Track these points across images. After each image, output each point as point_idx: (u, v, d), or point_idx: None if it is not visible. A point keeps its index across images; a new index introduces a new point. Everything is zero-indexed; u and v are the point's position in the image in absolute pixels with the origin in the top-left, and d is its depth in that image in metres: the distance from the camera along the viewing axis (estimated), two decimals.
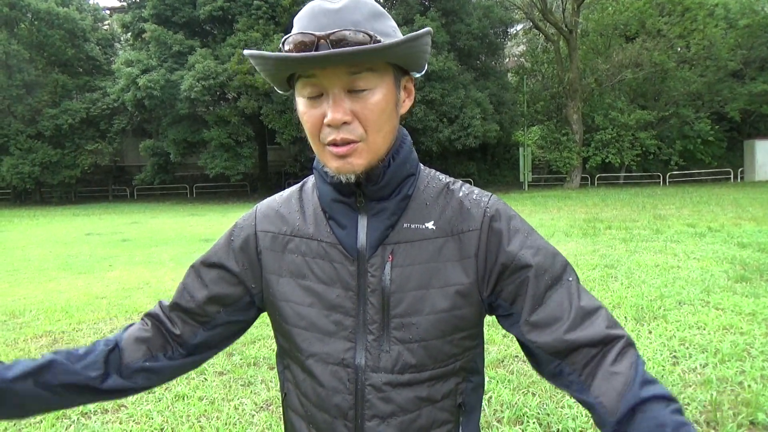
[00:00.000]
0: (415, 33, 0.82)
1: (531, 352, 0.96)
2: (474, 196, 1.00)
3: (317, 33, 0.82)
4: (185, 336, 1.06)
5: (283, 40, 0.86)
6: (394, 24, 0.91)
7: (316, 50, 0.81)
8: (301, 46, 0.83)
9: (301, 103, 0.90)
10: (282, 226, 1.03)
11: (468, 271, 0.95)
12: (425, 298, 0.94)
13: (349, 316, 0.96)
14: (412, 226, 0.96)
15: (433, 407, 0.97)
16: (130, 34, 30.56)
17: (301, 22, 0.86)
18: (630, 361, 0.86)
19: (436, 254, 0.95)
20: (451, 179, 1.05)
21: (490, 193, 1.02)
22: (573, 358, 0.90)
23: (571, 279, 0.94)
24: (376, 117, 0.88)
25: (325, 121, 0.86)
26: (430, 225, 0.96)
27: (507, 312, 0.96)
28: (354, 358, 0.96)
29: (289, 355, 1.05)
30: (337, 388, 0.96)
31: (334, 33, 0.82)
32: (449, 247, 0.95)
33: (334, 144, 0.87)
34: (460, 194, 1.00)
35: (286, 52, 0.85)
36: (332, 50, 0.79)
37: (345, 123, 0.86)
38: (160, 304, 1.10)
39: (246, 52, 0.86)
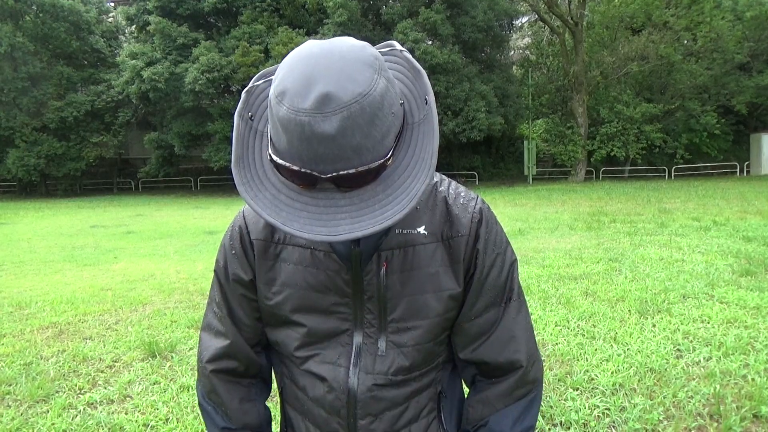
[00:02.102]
0: (434, 158, 0.76)
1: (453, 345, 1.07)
2: (461, 201, 1.00)
3: (317, 173, 0.74)
4: (262, 341, 1.11)
5: (277, 161, 0.77)
6: (392, 92, 0.78)
7: (314, 184, 0.76)
8: (299, 179, 0.77)
9: None
10: (273, 234, 1.01)
11: (458, 276, 0.98)
12: (421, 303, 0.96)
13: (347, 321, 0.98)
14: (404, 231, 0.96)
15: (419, 398, 1.02)
16: (134, 26, 30.59)
17: (290, 138, 0.74)
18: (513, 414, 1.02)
19: (429, 260, 0.96)
20: (438, 178, 1.04)
21: (475, 196, 1.02)
22: (480, 368, 1.04)
23: (512, 302, 1.01)
24: None
25: None
26: (421, 230, 0.96)
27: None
28: (350, 361, 0.98)
29: (285, 355, 1.06)
30: (332, 388, 0.98)
31: (337, 175, 0.74)
32: (440, 252, 0.97)
33: None
34: (448, 198, 1.00)
35: (279, 170, 0.79)
36: (354, 234, 0.73)
37: None
38: (233, 347, 1.07)
39: (249, 203, 0.79)
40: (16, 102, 29.84)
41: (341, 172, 0.74)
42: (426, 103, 0.80)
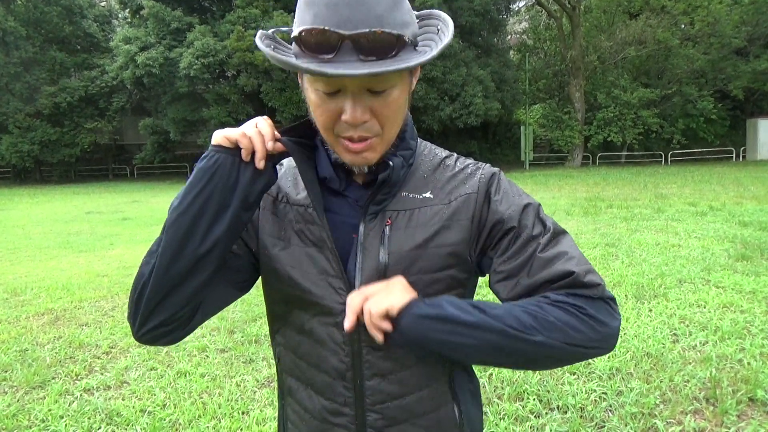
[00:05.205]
0: (447, 41, 0.82)
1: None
2: (469, 170, 1.02)
3: (341, 31, 0.77)
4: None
5: (300, 29, 0.80)
6: (409, 6, 0.86)
7: (338, 50, 0.78)
8: (322, 45, 0.79)
9: (314, 95, 0.87)
10: (279, 192, 1.03)
11: (462, 233, 0.97)
12: (421, 258, 0.95)
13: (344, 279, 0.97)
14: (410, 195, 0.98)
15: (427, 363, 1.00)
16: (128, 10, 30.15)
17: (316, 9, 0.78)
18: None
19: (434, 217, 0.96)
20: (447, 153, 1.07)
21: (483, 164, 1.04)
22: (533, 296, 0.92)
23: (548, 234, 0.95)
24: (394, 114, 0.88)
25: (344, 118, 0.84)
26: (428, 194, 0.98)
27: (489, 266, 0.98)
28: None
29: (284, 319, 1.05)
30: (335, 350, 0.97)
31: (360, 34, 0.77)
32: (446, 212, 0.97)
33: (350, 140, 0.87)
34: (456, 168, 1.02)
35: (302, 43, 0.80)
36: (367, 71, 0.75)
37: (363, 121, 0.85)
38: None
39: (265, 51, 0.81)
40: (8, 87, 29.55)
41: (364, 30, 0.77)
42: (438, 31, 0.87)
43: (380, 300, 0.86)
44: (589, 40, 29.84)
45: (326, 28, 0.77)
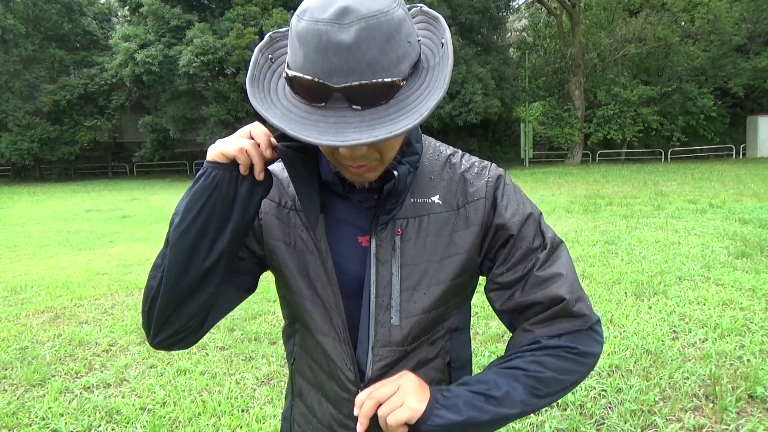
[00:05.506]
0: (446, 83, 0.78)
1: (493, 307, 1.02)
2: (475, 170, 1.01)
3: (330, 84, 0.74)
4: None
5: (291, 74, 0.78)
6: (410, 24, 0.80)
7: (328, 100, 0.75)
8: (313, 93, 0.76)
9: None
10: (282, 197, 1.01)
11: (473, 239, 0.96)
12: (434, 269, 0.95)
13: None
14: (419, 200, 0.96)
15: (426, 369, 0.99)
16: (127, 8, 30.09)
17: (306, 51, 0.74)
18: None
19: (444, 226, 0.96)
20: (451, 150, 1.05)
21: (488, 163, 1.03)
22: (521, 314, 0.96)
23: (548, 248, 0.96)
24: (393, 143, 0.87)
25: (341, 150, 0.82)
26: (436, 199, 0.97)
27: (488, 269, 0.99)
28: (365, 333, 0.96)
29: (300, 320, 1.04)
30: (345, 363, 0.97)
31: (350, 86, 0.73)
32: (455, 219, 0.96)
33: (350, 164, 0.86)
34: (462, 168, 1.01)
35: (293, 87, 0.78)
36: (354, 143, 0.72)
37: (360, 155, 0.83)
38: None
39: (260, 112, 0.78)
40: (8, 85, 29.55)
41: (354, 83, 0.73)
42: (442, 46, 0.81)
43: (396, 410, 0.84)
44: (588, 37, 29.81)
45: (315, 79, 0.74)
